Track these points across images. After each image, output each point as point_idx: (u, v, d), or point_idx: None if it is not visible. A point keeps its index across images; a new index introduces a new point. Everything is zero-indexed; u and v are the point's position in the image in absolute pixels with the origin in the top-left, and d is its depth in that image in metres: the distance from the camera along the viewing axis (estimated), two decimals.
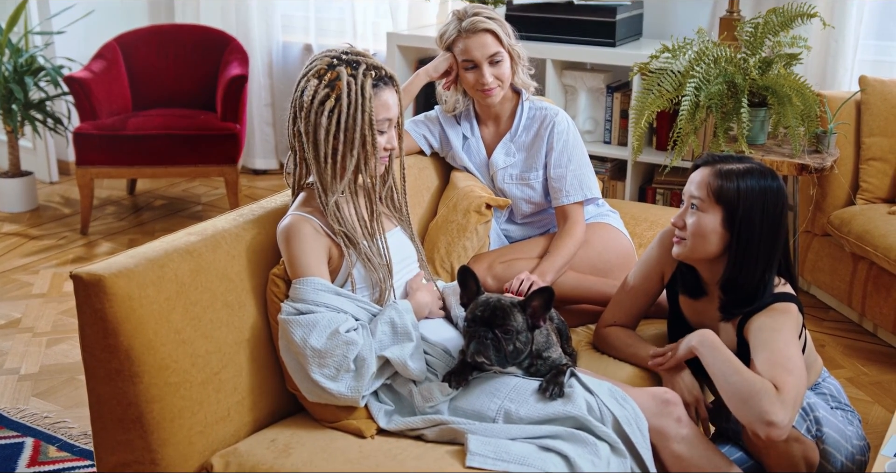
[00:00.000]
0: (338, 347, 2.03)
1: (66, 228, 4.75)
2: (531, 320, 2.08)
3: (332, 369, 2.03)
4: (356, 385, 2.05)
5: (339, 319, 2.06)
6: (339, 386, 2.04)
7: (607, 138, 4.24)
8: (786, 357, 2.09)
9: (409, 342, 2.10)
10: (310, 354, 2.03)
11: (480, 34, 2.65)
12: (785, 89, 3.39)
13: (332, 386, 2.04)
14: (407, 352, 2.09)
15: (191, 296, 2.04)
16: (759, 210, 2.16)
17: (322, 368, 2.03)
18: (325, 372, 2.03)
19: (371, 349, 2.06)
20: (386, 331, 2.10)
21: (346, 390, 2.05)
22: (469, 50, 2.65)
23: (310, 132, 2.12)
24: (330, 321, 2.05)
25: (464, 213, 2.69)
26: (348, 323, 2.07)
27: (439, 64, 2.73)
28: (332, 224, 2.13)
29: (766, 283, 2.21)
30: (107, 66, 4.81)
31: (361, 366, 2.05)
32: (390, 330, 2.11)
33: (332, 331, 2.04)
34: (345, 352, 2.03)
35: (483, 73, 2.66)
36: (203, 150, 4.61)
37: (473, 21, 2.65)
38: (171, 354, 1.98)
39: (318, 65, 2.14)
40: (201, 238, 2.14)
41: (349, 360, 2.04)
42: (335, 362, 2.03)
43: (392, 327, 2.11)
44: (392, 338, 2.11)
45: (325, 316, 2.05)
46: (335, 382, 2.04)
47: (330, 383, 2.04)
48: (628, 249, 2.82)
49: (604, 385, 2.12)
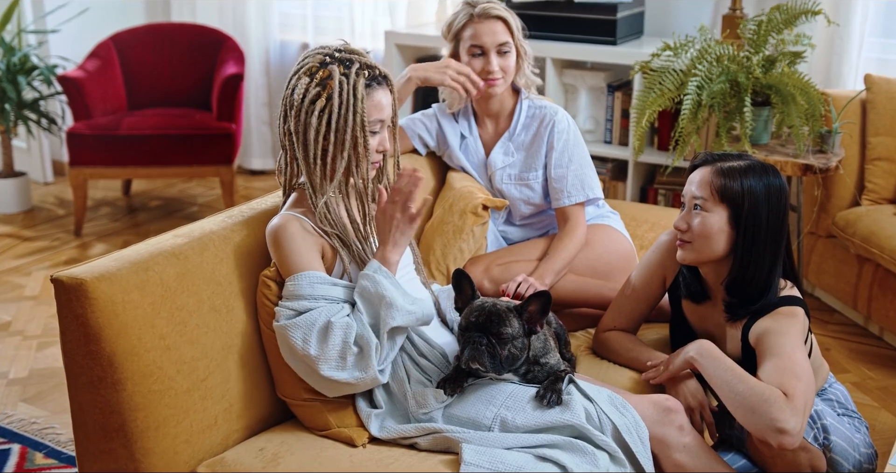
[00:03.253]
0: (335, 335, 1.97)
1: (60, 229, 4.69)
2: (528, 325, 2.02)
3: (337, 359, 1.97)
4: (366, 363, 1.98)
5: (333, 311, 2.01)
6: (350, 372, 1.98)
7: (608, 138, 4.20)
8: (793, 362, 2.04)
9: (387, 302, 1.99)
10: (314, 354, 1.97)
11: (493, 21, 2.62)
12: (789, 88, 3.35)
13: (344, 374, 1.98)
14: (401, 310, 2.00)
15: (176, 301, 1.98)
16: (765, 206, 2.12)
17: (329, 362, 1.97)
18: (332, 365, 1.97)
19: (364, 324, 2.00)
20: (365, 303, 2.02)
21: (359, 372, 1.98)
22: (479, 35, 2.62)
23: (299, 132, 2.07)
24: (326, 315, 1.99)
25: (460, 215, 2.63)
26: (342, 313, 2.02)
27: (432, 76, 2.65)
28: (323, 226, 2.08)
29: (772, 281, 2.16)
30: (101, 65, 4.76)
31: (363, 343, 1.99)
32: (366, 300, 2.01)
33: (327, 325, 1.98)
34: (343, 338, 1.97)
35: (490, 60, 2.62)
36: (198, 150, 4.56)
37: (486, 7, 2.63)
38: (155, 360, 1.92)
39: (311, 62, 2.08)
40: (188, 240, 2.08)
41: (350, 344, 1.97)
42: (336, 351, 1.97)
43: (365, 297, 2.02)
44: (372, 308, 2.01)
45: (321, 312, 1.99)
46: (344, 370, 1.98)
47: (340, 373, 1.97)
48: (629, 251, 2.77)
49: (603, 392, 2.07)
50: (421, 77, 2.66)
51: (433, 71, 2.64)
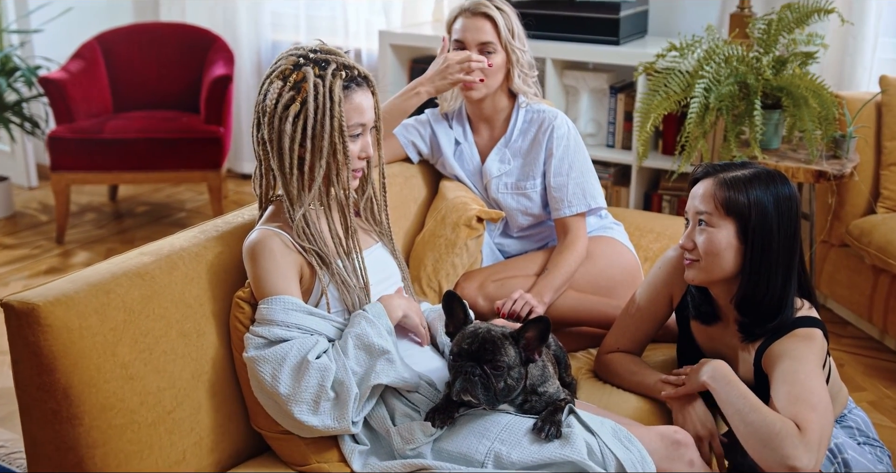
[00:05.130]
0: (311, 377, 1.82)
1: (42, 237, 4.54)
2: (525, 353, 1.85)
3: (311, 402, 1.83)
4: (340, 413, 1.84)
5: (308, 345, 1.86)
6: (322, 419, 1.84)
7: (610, 142, 4.05)
8: (809, 391, 1.89)
9: (388, 357, 1.88)
10: (283, 392, 1.82)
11: (479, 18, 2.49)
12: (801, 90, 3.21)
13: (316, 420, 1.84)
14: (397, 369, 1.89)
15: (141, 326, 1.82)
16: (774, 217, 1.98)
17: (300, 404, 1.83)
18: (304, 408, 1.83)
19: (346, 369, 1.85)
20: (360, 351, 1.88)
21: (332, 420, 1.84)
22: (463, 30, 2.51)
23: (273, 140, 1.92)
24: (300, 350, 1.84)
25: (453, 227, 2.48)
26: (318, 347, 1.87)
27: (440, 84, 2.48)
28: (301, 242, 1.92)
29: (787, 298, 2.01)
30: (85, 66, 4.61)
31: (342, 391, 1.84)
32: (364, 348, 1.88)
33: (301, 361, 1.83)
34: (320, 381, 1.83)
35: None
36: (185, 154, 4.42)
37: (478, 3, 2.50)
38: (116, 392, 1.76)
39: (284, 64, 1.93)
40: (155, 258, 1.92)
41: (326, 388, 1.83)
42: (311, 394, 1.83)
43: (364, 344, 1.88)
44: (368, 358, 1.88)
45: (293, 346, 1.85)
46: (317, 415, 1.84)
47: (312, 417, 1.84)
48: (633, 266, 2.62)
49: (606, 424, 1.90)
50: (429, 90, 2.49)
51: (438, 78, 2.48)
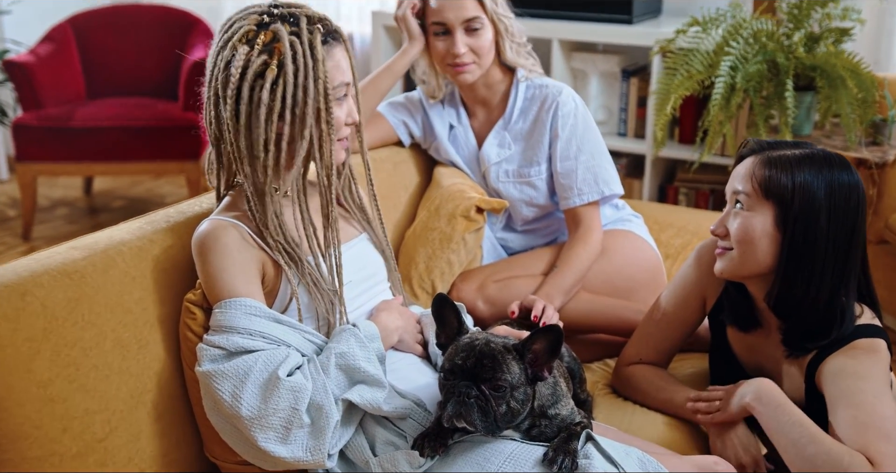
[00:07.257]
0: (281, 398, 1.53)
1: (8, 233, 4.28)
2: (532, 369, 1.53)
3: (280, 429, 1.54)
4: (315, 443, 1.55)
5: (277, 358, 1.56)
6: (293, 450, 1.55)
7: (622, 130, 3.78)
8: (880, 416, 1.63)
9: (378, 386, 1.62)
10: (246, 415, 1.52)
11: None
12: (837, 70, 2.97)
13: (285, 451, 1.54)
14: (380, 396, 1.61)
15: (66, 335, 1.53)
16: (825, 206, 1.70)
17: (266, 430, 1.54)
18: (270, 436, 1.54)
19: (326, 390, 1.57)
20: (341, 372, 1.61)
21: (304, 452, 1.56)
22: (441, 10, 2.21)
23: (240, 115, 1.61)
24: (267, 363, 1.54)
25: (448, 219, 2.22)
26: (290, 361, 1.57)
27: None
28: (266, 236, 1.61)
29: (842, 307, 1.74)
30: (56, 50, 4.34)
31: (319, 417, 1.56)
32: (346, 370, 1.61)
33: (269, 378, 1.53)
34: (293, 404, 1.54)
35: (455, 41, 2.21)
36: (161, 144, 4.16)
37: None
38: (31, 418, 1.47)
39: (245, 26, 1.63)
40: (88, 253, 1.63)
41: (300, 412, 1.54)
42: (282, 419, 1.54)
43: (349, 366, 1.61)
44: (348, 383, 1.60)
45: (259, 359, 1.55)
46: (287, 445, 1.54)
47: (280, 447, 1.54)
48: (655, 263, 2.37)
49: (632, 453, 1.59)
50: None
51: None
